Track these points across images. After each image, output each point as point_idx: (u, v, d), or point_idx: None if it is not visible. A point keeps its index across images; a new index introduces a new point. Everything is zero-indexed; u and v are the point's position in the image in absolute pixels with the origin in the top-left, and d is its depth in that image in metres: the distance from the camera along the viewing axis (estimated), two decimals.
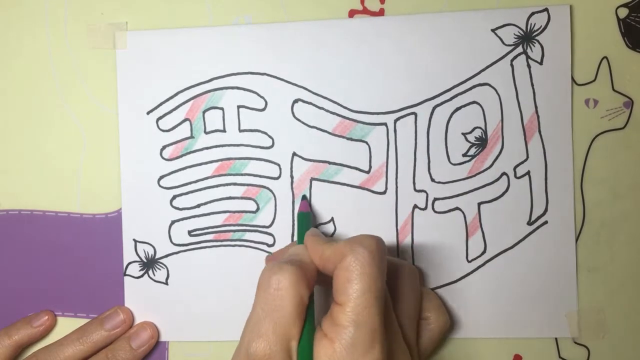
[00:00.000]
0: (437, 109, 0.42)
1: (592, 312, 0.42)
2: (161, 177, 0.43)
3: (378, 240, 0.33)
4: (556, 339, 0.42)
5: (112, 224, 0.43)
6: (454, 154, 0.42)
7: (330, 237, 0.41)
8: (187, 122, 0.43)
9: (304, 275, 0.33)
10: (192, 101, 0.43)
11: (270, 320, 0.31)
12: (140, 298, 0.43)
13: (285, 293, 0.32)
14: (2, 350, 0.42)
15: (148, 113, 0.43)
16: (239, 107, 0.43)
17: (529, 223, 0.42)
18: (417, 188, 0.42)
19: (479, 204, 0.42)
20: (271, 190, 0.43)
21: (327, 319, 0.32)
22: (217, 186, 0.43)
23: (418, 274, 0.39)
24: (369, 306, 0.31)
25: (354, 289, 0.31)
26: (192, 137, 0.43)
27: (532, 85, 0.41)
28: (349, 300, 0.31)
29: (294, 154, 0.42)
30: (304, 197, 0.42)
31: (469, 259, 0.42)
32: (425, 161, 0.42)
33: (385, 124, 0.42)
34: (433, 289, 0.42)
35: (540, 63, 0.41)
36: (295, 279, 0.32)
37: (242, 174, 0.43)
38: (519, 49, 0.41)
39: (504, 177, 0.42)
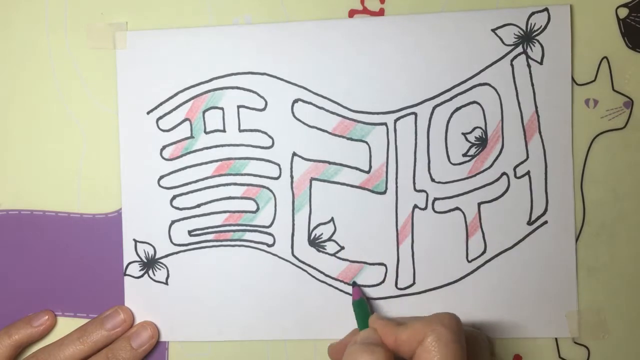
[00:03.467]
0: (437, 109, 0.42)
1: (592, 312, 0.42)
2: (161, 177, 0.43)
3: (456, 318, 0.33)
4: (556, 339, 0.42)
5: (112, 224, 0.43)
6: (454, 154, 0.42)
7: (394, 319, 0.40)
8: (187, 122, 0.43)
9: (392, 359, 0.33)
10: (192, 101, 0.43)
11: None
12: (140, 298, 0.43)
13: None
14: (2, 350, 0.42)
15: (148, 113, 0.43)
16: (239, 107, 0.43)
17: (529, 223, 0.42)
18: (417, 188, 0.42)
19: (479, 204, 0.42)
20: (271, 190, 0.43)
21: None
22: (217, 186, 0.43)
23: (490, 346, 0.40)
24: None
25: None
26: (192, 137, 0.43)
27: (532, 85, 0.41)
28: None
29: (294, 154, 0.42)
30: (354, 283, 0.42)
31: (469, 259, 0.42)
32: (425, 161, 0.42)
33: (385, 124, 0.42)
34: (432, 289, 0.42)
35: (540, 63, 0.41)
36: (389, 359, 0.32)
37: (242, 174, 0.43)
38: (519, 49, 0.41)
39: (504, 177, 0.42)
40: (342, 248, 0.42)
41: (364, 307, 0.40)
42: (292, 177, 0.42)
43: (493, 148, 0.42)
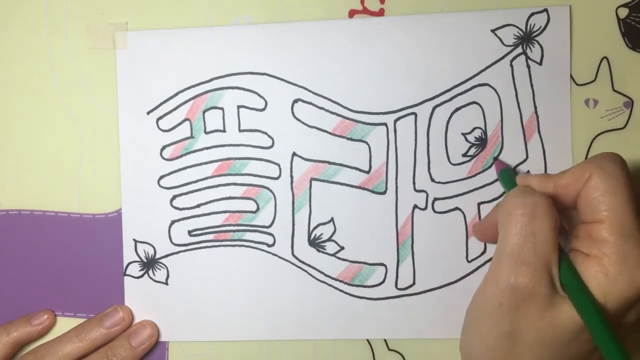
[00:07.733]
0: (437, 109, 0.42)
1: None
2: (161, 177, 0.43)
3: (619, 155, 0.32)
4: None
5: (112, 224, 0.43)
6: (453, 154, 0.42)
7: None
8: (187, 122, 0.43)
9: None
10: (192, 101, 0.43)
11: (531, 245, 0.30)
12: (140, 298, 0.43)
13: (544, 215, 0.30)
14: (0, 347, 0.42)
15: (148, 113, 0.43)
16: (239, 107, 0.43)
17: None
18: (417, 188, 0.42)
19: (479, 204, 0.42)
20: (271, 190, 0.43)
21: (582, 240, 0.31)
22: (217, 186, 0.43)
23: None
24: (631, 218, 0.30)
25: (616, 202, 0.30)
26: (192, 137, 0.43)
27: (532, 85, 0.41)
28: (611, 215, 0.30)
29: (294, 154, 0.42)
30: (494, 158, 0.41)
31: (469, 259, 0.42)
32: (425, 161, 0.42)
33: (385, 124, 0.42)
34: (433, 289, 0.42)
35: (540, 63, 0.41)
36: (550, 201, 0.31)
37: (242, 174, 0.43)
38: (519, 50, 0.41)
39: None
40: (342, 248, 0.42)
41: (510, 175, 0.39)
42: (292, 177, 0.42)
43: (493, 148, 0.42)
